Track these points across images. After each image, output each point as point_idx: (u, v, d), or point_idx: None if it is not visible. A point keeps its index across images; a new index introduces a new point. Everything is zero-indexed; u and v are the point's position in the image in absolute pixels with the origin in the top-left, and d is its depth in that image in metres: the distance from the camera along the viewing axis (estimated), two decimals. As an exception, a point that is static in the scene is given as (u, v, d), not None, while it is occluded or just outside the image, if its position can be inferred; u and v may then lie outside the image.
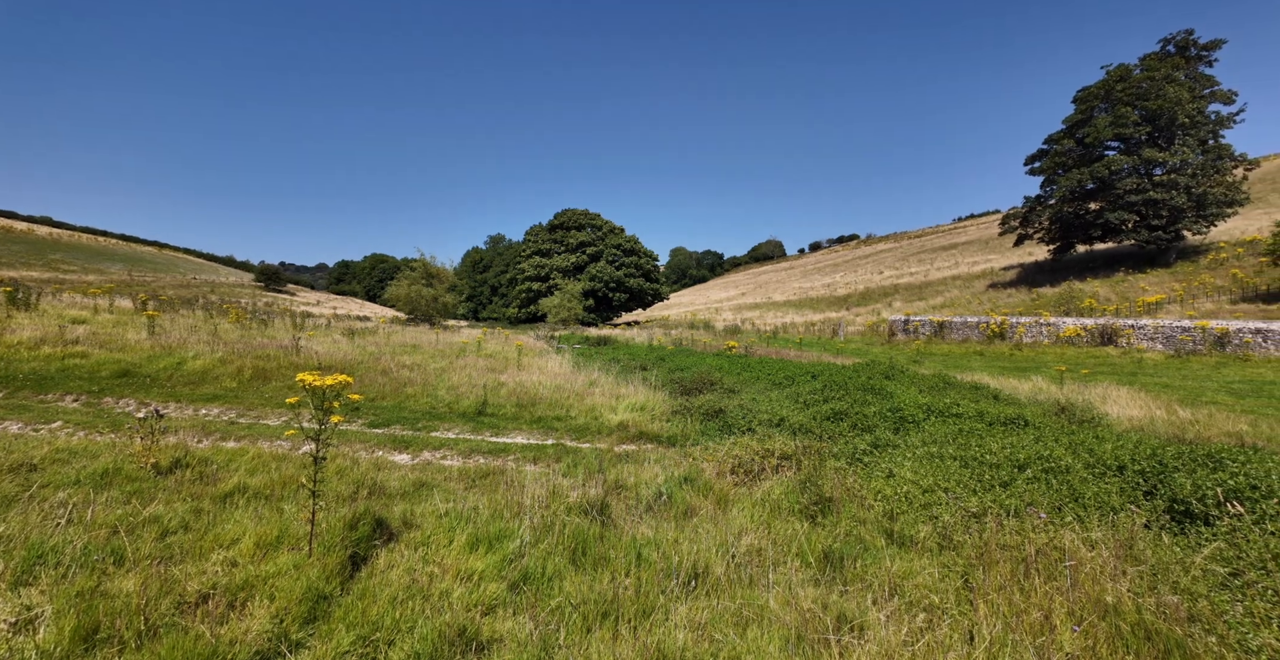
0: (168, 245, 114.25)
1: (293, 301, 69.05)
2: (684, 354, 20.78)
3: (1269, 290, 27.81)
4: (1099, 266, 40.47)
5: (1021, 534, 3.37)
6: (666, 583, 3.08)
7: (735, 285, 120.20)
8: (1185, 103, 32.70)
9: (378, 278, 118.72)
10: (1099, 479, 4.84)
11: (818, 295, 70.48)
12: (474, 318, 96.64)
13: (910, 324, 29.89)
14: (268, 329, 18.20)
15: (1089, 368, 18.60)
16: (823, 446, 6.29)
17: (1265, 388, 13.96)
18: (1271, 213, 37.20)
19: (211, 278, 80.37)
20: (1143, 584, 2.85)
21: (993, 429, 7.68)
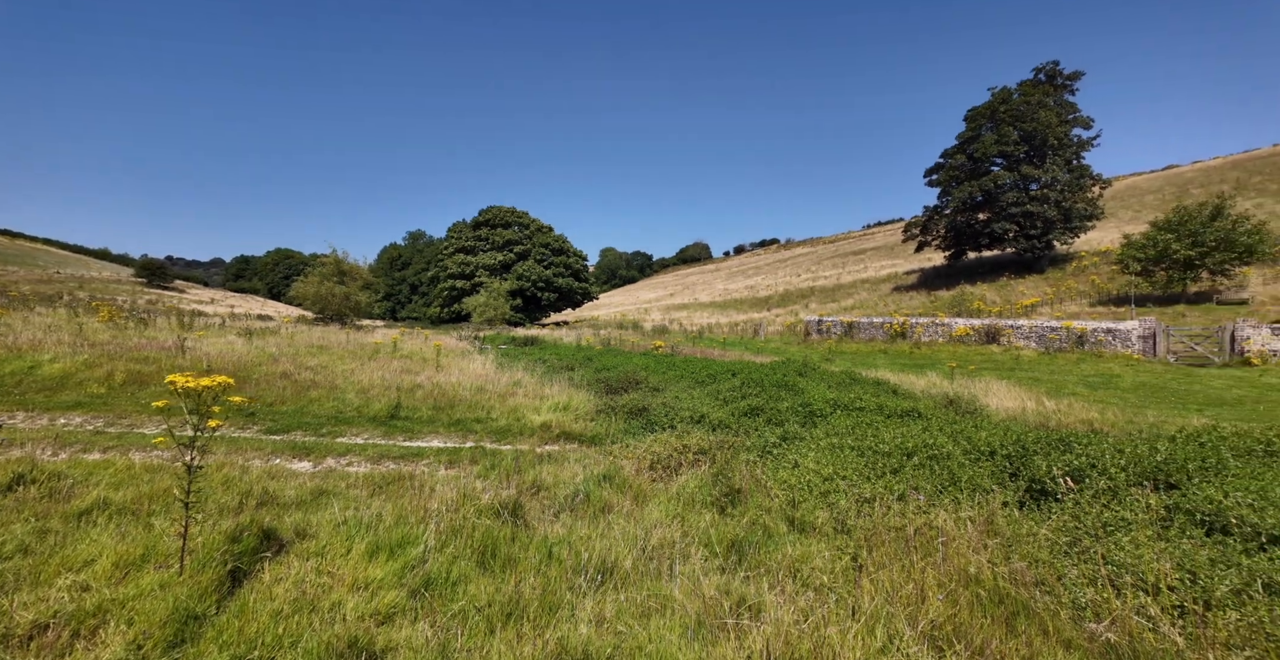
0: (22, 234, 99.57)
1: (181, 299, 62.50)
2: (612, 354, 20.83)
3: (1118, 294, 31.99)
4: (987, 271, 44.81)
5: (905, 516, 3.68)
6: (575, 580, 3.08)
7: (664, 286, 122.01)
8: (1054, 126, 36.91)
9: (282, 274, 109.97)
10: (974, 463, 5.36)
11: (741, 297, 73.01)
12: (391, 317, 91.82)
13: (823, 324, 31.63)
14: (148, 329, 16.38)
15: (976, 364, 20.54)
16: (737, 441, 6.54)
17: (1113, 380, 16.04)
18: (1121, 226, 42.72)
19: (80, 272, 71.10)
20: (999, 555, 3.20)
21: (890, 421, 8.27)
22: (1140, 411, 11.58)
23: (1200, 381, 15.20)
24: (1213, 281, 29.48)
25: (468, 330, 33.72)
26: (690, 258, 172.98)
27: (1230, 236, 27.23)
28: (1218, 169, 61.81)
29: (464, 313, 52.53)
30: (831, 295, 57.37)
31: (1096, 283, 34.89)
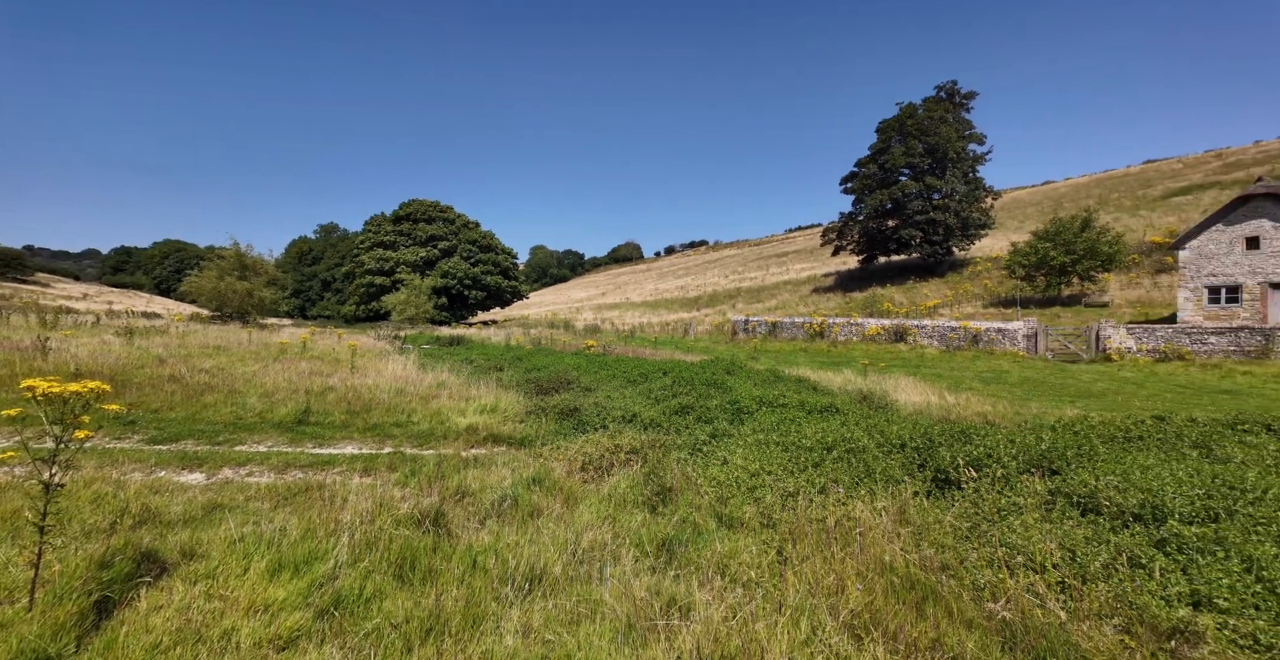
0: None
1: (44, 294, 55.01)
2: (543, 353, 20.48)
3: (1007, 297, 35.40)
4: (895, 275, 48.18)
5: (826, 508, 3.85)
6: (502, 589, 2.96)
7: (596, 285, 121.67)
8: (954, 141, 40.27)
9: (172, 268, 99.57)
10: (887, 456, 5.70)
11: (672, 297, 74.15)
12: (301, 316, 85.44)
13: (749, 324, 32.71)
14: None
15: (886, 361, 22.01)
16: (669, 439, 6.59)
17: (1003, 375, 17.72)
18: (1008, 235, 47.26)
19: (-92, 260, 60.93)
20: (911, 543, 3.41)
21: (811, 417, 8.64)
22: (1025, 404, 12.83)
23: (1072, 376, 17.10)
24: (1081, 286, 33.27)
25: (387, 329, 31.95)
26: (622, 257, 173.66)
27: (1095, 246, 30.83)
28: (1085, 186, 69.95)
29: (383, 311, 49.78)
30: (757, 296, 59.52)
31: (989, 286, 38.44)
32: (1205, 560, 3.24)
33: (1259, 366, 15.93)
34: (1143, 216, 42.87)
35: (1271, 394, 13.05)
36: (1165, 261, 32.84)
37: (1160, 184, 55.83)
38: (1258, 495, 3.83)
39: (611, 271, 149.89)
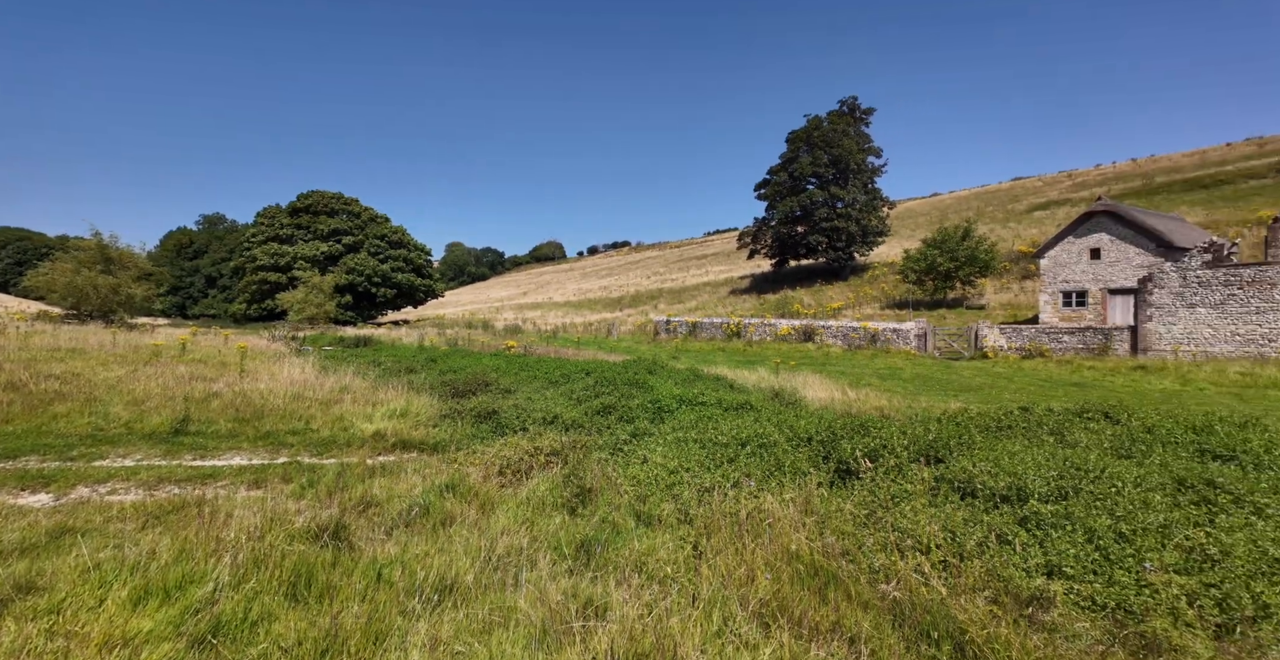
0: None
1: None
2: (460, 354, 19.71)
3: (901, 299, 38.61)
4: (804, 278, 51.06)
5: (739, 502, 4.00)
6: (409, 602, 2.81)
7: (517, 284, 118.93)
8: (855, 153, 43.34)
9: (11, 260, 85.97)
10: (795, 449, 6.02)
11: (595, 297, 74.02)
12: (181, 315, 76.65)
13: (671, 324, 33.34)
14: None
15: (796, 360, 23.27)
16: (590, 440, 6.57)
17: (897, 372, 19.30)
18: (903, 242, 51.53)
19: None
20: (815, 531, 3.63)
21: (728, 414, 8.93)
22: (916, 398, 14.06)
23: (956, 372, 18.95)
24: (963, 290, 36.94)
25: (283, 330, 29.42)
26: (544, 256, 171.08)
27: (974, 254, 34.34)
28: (965, 198, 77.78)
29: (278, 310, 45.74)
30: (678, 297, 60.82)
31: (885, 289, 41.72)
32: (1057, 534, 3.69)
33: (1100, 362, 18.47)
34: (1012, 228, 48.28)
35: (1109, 385, 15.16)
36: (1029, 269, 37.18)
37: (1025, 199, 63.17)
38: (1097, 474, 4.43)
39: (533, 270, 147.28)
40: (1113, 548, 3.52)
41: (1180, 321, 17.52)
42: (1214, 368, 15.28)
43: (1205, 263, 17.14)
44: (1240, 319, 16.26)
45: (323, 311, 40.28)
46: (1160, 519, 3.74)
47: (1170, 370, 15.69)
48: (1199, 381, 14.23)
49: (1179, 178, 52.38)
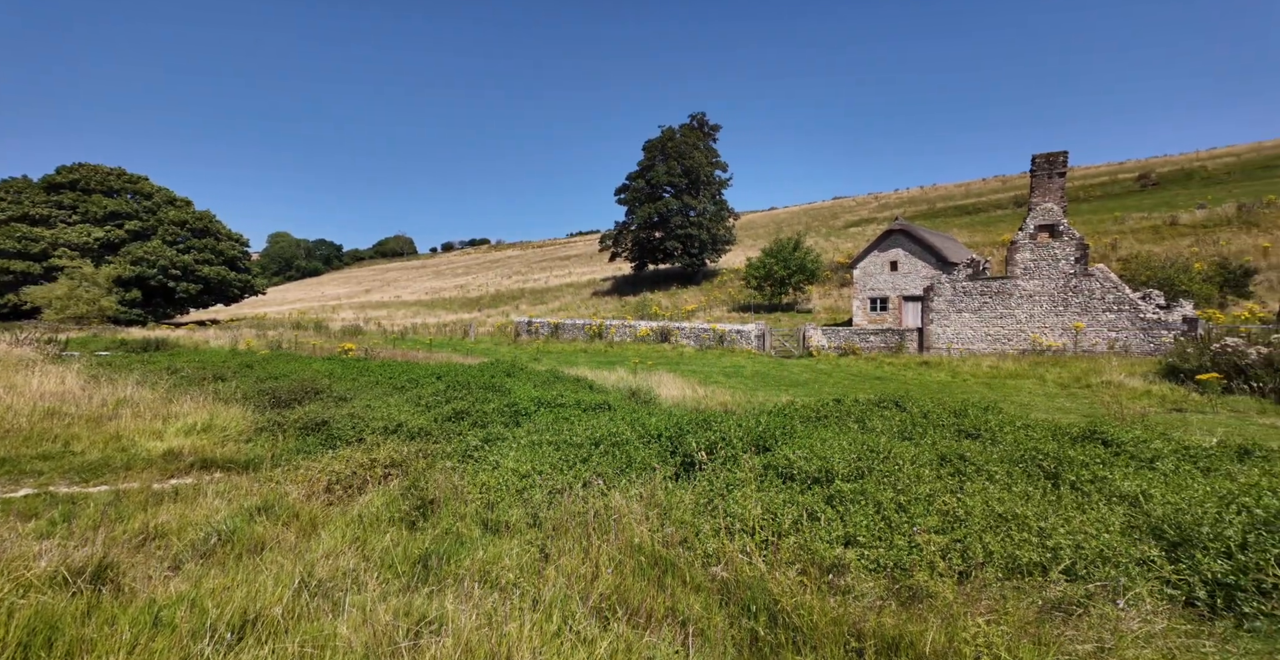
0: None
1: None
2: (285, 359, 17.38)
3: (745, 303, 42.26)
4: (662, 281, 53.47)
5: (588, 501, 4.08)
6: (196, 646, 2.42)
7: (359, 281, 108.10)
8: (704, 165, 46.49)
9: None
10: (646, 446, 6.30)
11: (451, 296, 69.98)
12: None
13: (533, 325, 32.76)
14: None
15: (654, 360, 24.27)
16: (438, 448, 6.21)
17: (740, 370, 21.08)
18: (746, 251, 56.41)
19: None
20: (657, 523, 3.84)
21: (587, 414, 9.04)
22: (755, 393, 15.47)
23: (788, 369, 21.21)
24: (795, 295, 41.49)
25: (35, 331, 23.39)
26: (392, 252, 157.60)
27: (803, 263, 38.76)
28: (797, 213, 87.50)
29: (27, 307, 36.33)
30: (541, 297, 59.93)
31: (732, 294, 45.34)
32: (854, 509, 4.33)
33: (896, 358, 22.00)
34: (833, 241, 55.35)
35: (903, 378, 18.10)
36: (846, 277, 42.91)
37: (843, 216, 72.85)
38: (886, 455, 5.29)
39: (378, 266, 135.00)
40: (894, 517, 4.23)
41: (952, 324, 21.56)
42: (974, 362, 19.06)
43: (968, 276, 21.30)
44: (990, 322, 20.51)
45: (96, 309, 32.88)
46: (927, 490, 4.57)
47: (945, 365, 19.22)
48: (964, 374, 17.64)
49: (952, 204, 64.26)
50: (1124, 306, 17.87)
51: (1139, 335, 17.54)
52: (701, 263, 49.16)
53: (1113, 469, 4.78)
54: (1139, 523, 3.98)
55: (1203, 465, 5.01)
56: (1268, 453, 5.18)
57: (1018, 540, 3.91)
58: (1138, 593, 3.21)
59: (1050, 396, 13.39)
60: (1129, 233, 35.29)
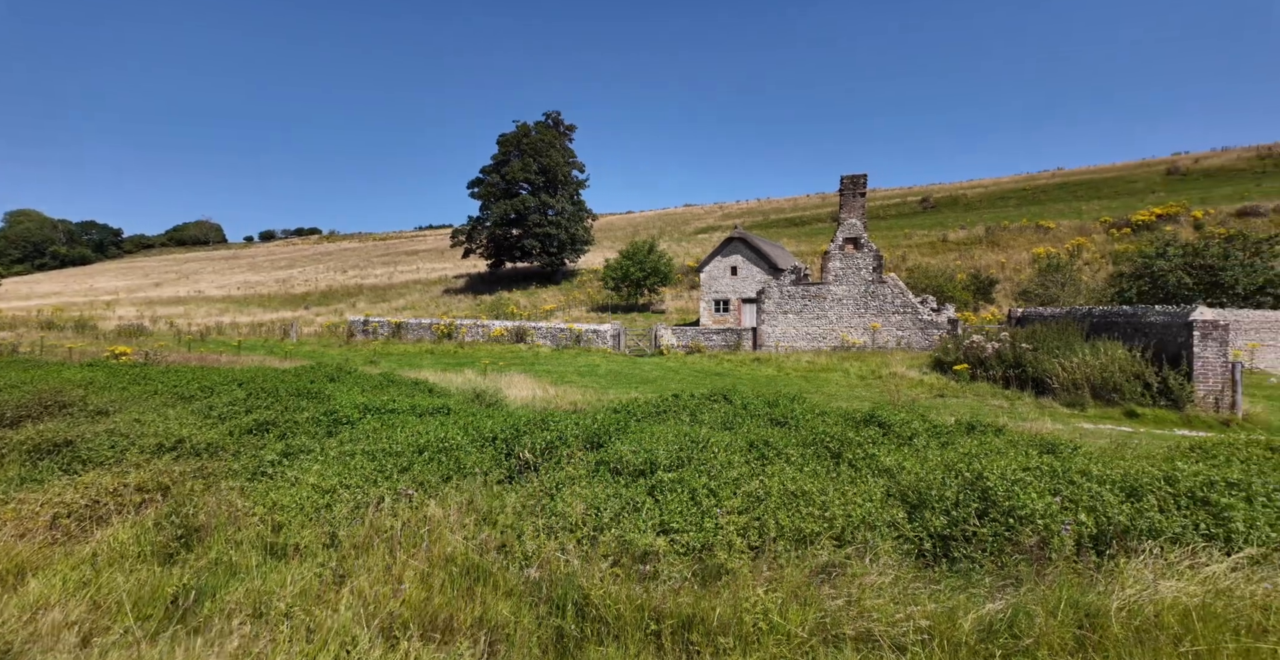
0: None
1: None
2: (19, 366, 13.81)
3: (603, 303, 43.00)
4: (520, 280, 52.22)
5: (398, 513, 3.81)
6: None
7: (146, 273, 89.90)
8: (561, 165, 46.41)
9: None
10: (480, 450, 6.08)
11: (270, 292, 61.23)
12: None
13: (370, 324, 29.96)
14: None
15: (508, 360, 23.59)
16: (221, 466, 5.35)
17: (595, 369, 21.40)
18: (605, 252, 57.45)
19: None
20: (475, 530, 3.72)
21: (423, 419, 8.47)
22: (606, 391, 15.80)
23: (640, 367, 22.01)
24: (650, 296, 43.22)
25: None
26: (193, 240, 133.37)
27: (657, 266, 40.54)
28: (652, 218, 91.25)
29: None
30: (383, 295, 54.95)
31: (590, 294, 45.84)
32: (672, 497, 4.61)
33: (734, 356, 24.02)
34: (684, 246, 58.65)
35: (738, 374, 19.81)
36: (695, 280, 45.77)
37: (693, 223, 77.57)
38: (705, 444, 5.72)
39: (175, 256, 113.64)
40: (705, 501, 4.58)
41: (780, 324, 24.10)
42: (796, 358, 21.54)
43: (793, 281, 23.99)
44: (809, 322, 23.35)
45: None
46: (736, 474, 5.03)
47: (773, 361, 21.44)
48: (787, 368, 19.83)
49: (783, 216, 71.79)
50: (908, 309, 21.43)
51: (919, 334, 21.18)
52: (561, 262, 48.94)
53: (880, 447, 5.69)
54: (894, 491, 4.78)
55: (943, 440, 6.19)
56: (985, 427, 6.56)
57: (804, 514, 4.46)
58: (884, 549, 3.84)
59: (851, 386, 15.58)
60: (914, 247, 42.43)
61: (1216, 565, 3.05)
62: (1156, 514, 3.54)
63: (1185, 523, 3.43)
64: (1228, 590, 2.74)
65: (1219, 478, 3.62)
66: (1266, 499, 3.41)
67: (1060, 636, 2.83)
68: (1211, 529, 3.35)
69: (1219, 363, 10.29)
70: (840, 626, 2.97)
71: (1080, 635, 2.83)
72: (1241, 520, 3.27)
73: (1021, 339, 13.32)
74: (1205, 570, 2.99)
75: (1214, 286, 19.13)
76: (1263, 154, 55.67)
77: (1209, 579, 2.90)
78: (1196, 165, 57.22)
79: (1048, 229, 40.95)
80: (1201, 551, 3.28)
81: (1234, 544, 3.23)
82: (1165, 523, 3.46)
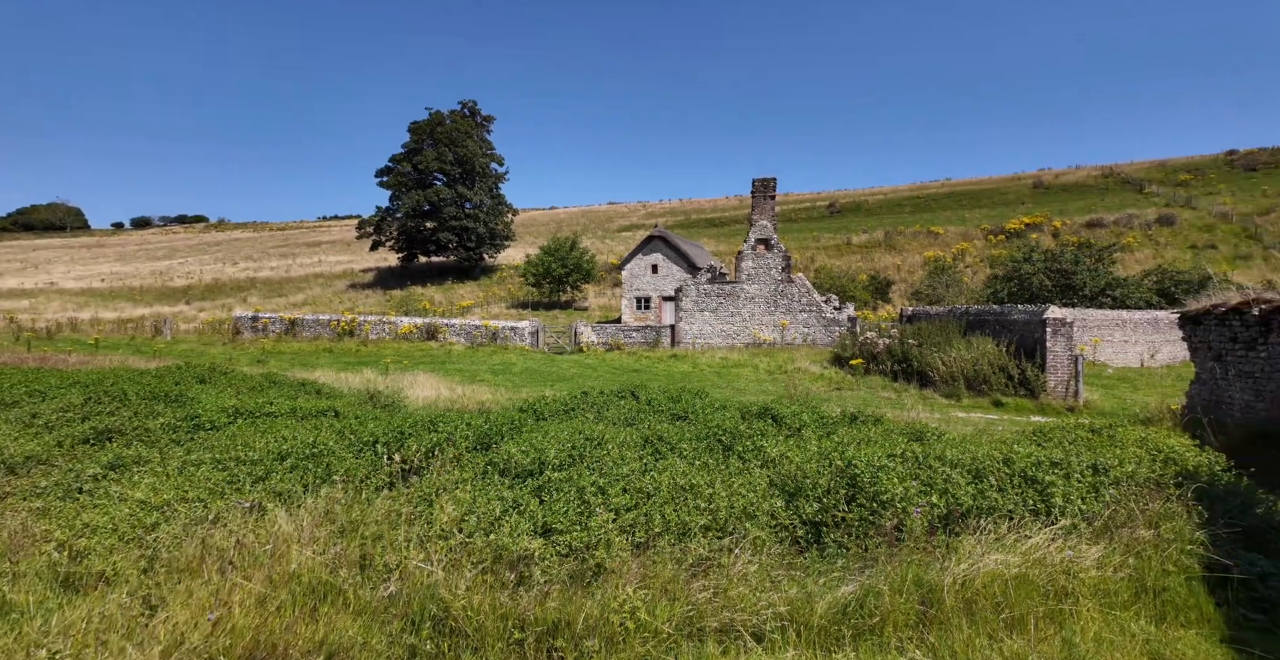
0: None
1: None
2: None
3: (524, 300, 42.01)
4: (436, 275, 49.87)
5: (231, 532, 3.41)
6: None
7: (-22, 258, 77.37)
8: (479, 156, 44.79)
9: None
10: (357, 455, 5.65)
11: (143, 284, 54.59)
12: None
13: (260, 321, 27.44)
14: None
15: (416, 358, 22.41)
16: (29, 483, 4.59)
17: (509, 367, 20.82)
18: (527, 248, 56.16)
19: None
20: (329, 543, 3.41)
21: (304, 422, 7.79)
22: (520, 390, 15.38)
23: (558, 365, 21.67)
24: (573, 293, 42.77)
25: None
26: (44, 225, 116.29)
27: (580, 263, 40.17)
28: (576, 215, 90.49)
29: None
30: (279, 289, 50.54)
31: (511, 290, 44.62)
32: (559, 497, 4.48)
33: (653, 352, 24.29)
34: (608, 244, 58.60)
35: (655, 370, 20.02)
36: (618, 278, 45.86)
37: (617, 221, 77.73)
38: (599, 442, 5.64)
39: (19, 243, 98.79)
40: (593, 500, 4.50)
41: (696, 322, 24.65)
42: (711, 355, 22.11)
43: (709, 279, 24.61)
44: (724, 320, 24.06)
45: None
46: (627, 471, 5.00)
47: (689, 358, 21.88)
48: (702, 365, 20.31)
49: (704, 217, 73.64)
50: (814, 308, 22.61)
51: (823, 331, 22.39)
52: (479, 257, 47.25)
53: (768, 439, 5.88)
54: (777, 481, 4.93)
55: (828, 430, 6.51)
56: (867, 418, 6.98)
57: (690, 507, 4.50)
58: (760, 537, 3.94)
59: (760, 381, 16.18)
60: (822, 249, 44.92)
61: (1038, 536, 3.36)
62: (995, 493, 3.88)
63: (1017, 500, 3.78)
64: (1041, 559, 3.03)
65: (1044, 458, 4.04)
66: (1080, 476, 3.86)
67: (905, 613, 3.00)
68: (1037, 504, 3.71)
69: (1066, 356, 11.64)
70: (704, 619, 2.98)
71: (921, 611, 3.01)
72: (1060, 495, 3.66)
73: (909, 335, 14.40)
74: (1028, 542, 3.29)
75: (1067, 288, 21.70)
76: (1106, 172, 64.00)
77: (1029, 550, 3.18)
78: (1057, 180, 64.78)
79: (937, 234, 44.75)
80: (1029, 525, 3.61)
81: (1053, 517, 3.59)
82: (1001, 500, 3.79)
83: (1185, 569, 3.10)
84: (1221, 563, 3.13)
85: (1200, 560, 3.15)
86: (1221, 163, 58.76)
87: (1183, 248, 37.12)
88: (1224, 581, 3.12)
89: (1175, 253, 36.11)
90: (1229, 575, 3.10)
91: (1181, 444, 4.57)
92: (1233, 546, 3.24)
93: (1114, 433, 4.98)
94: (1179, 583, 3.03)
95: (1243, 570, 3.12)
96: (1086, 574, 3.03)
